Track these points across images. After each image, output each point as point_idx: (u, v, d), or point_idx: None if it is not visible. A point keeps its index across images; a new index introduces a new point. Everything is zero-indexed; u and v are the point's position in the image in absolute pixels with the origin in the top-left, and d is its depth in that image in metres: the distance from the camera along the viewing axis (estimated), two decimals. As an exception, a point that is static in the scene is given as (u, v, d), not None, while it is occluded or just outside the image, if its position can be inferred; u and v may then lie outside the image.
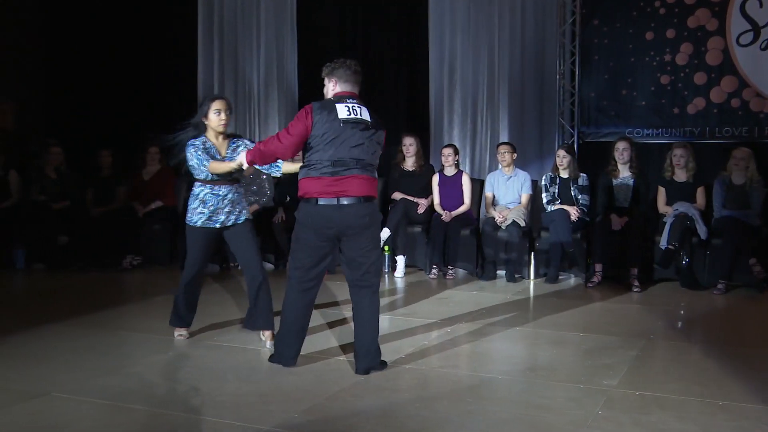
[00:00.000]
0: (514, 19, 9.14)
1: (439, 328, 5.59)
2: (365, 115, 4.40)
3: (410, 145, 8.15)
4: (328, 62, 4.62)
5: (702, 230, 6.97)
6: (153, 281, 7.75)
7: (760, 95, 8.27)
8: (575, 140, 8.88)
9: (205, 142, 5.01)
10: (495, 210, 7.75)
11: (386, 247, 7.82)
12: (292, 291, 4.52)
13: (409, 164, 8.18)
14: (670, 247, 6.92)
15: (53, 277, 7.86)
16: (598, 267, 7.22)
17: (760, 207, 7.19)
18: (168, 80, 11.00)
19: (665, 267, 7.07)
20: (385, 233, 7.69)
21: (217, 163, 4.92)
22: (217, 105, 5.03)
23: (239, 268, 6.26)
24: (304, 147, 4.38)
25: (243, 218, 5.09)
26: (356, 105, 4.41)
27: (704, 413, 3.81)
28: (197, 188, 5.03)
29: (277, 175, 5.06)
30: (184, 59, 10.65)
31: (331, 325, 5.66)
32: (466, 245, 7.80)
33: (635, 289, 6.93)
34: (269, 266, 8.25)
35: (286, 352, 4.58)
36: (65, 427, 3.64)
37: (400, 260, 7.82)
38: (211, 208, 4.99)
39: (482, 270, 7.67)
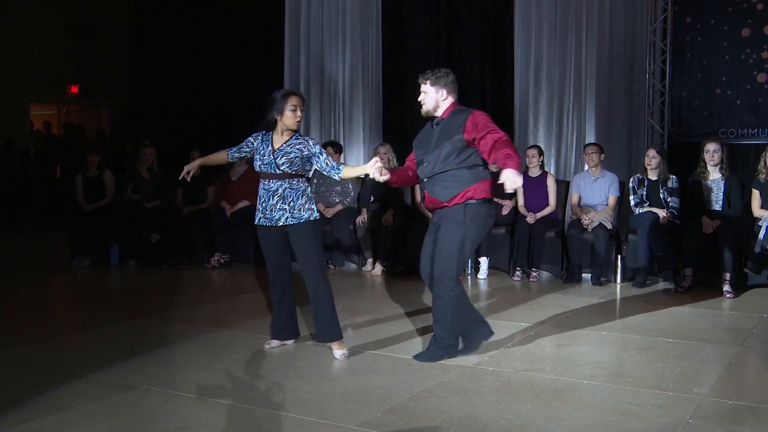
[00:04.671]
0: (602, 18, 8.95)
1: (523, 330, 5.53)
2: None
3: (494, 145, 8.07)
4: (429, 71, 4.74)
5: (801, 234, 6.68)
6: (239, 279, 7.91)
7: None
8: (665, 141, 8.65)
9: (260, 136, 4.96)
10: (581, 212, 7.61)
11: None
12: (459, 286, 4.68)
13: (494, 166, 8.10)
14: (764, 251, 6.65)
15: (145, 273, 8.12)
16: (689, 271, 7.01)
17: None
18: (255, 81, 11.23)
19: (759, 273, 6.80)
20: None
21: (209, 156, 5.20)
22: (294, 101, 4.81)
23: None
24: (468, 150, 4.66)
25: (304, 218, 4.78)
26: None
27: (802, 425, 3.66)
28: (261, 184, 4.94)
29: (336, 178, 4.90)
30: (271, 60, 10.84)
31: (420, 329, 5.67)
32: (550, 247, 7.69)
33: (728, 295, 6.70)
34: (352, 266, 8.32)
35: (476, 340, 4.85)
36: (157, 419, 3.76)
37: (484, 262, 7.77)
38: (263, 204, 4.83)
39: (567, 273, 7.55)
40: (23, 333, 5.49)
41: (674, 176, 7.43)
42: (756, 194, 7.06)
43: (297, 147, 4.84)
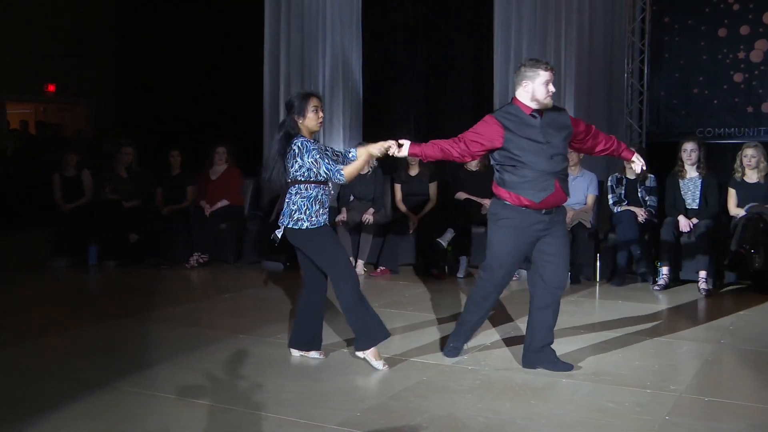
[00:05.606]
0: (582, 18, 9.00)
1: (502, 329, 5.55)
2: None
3: (474, 145, 8.09)
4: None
5: (776, 233, 6.75)
6: (219, 279, 7.88)
7: (838, 93, 7.99)
8: (643, 140, 8.72)
9: (317, 143, 4.65)
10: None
11: (449, 247, 7.79)
12: None
13: (473, 164, 8.13)
14: (741, 250, 6.73)
15: (124, 273, 8.07)
16: (666, 270, 7.07)
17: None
18: (235, 81, 11.19)
19: (735, 270, 6.87)
20: (449, 233, 7.66)
21: (351, 167, 4.59)
22: (315, 102, 4.64)
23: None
24: None
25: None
26: None
27: (777, 421, 3.71)
28: (312, 190, 4.59)
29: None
30: (251, 60, 10.81)
31: (400, 327, 5.67)
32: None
33: (704, 293, 6.77)
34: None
35: None
36: (138, 420, 3.74)
37: (463, 261, 7.79)
38: (326, 208, 4.69)
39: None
40: (1, 334, 5.44)
41: (652, 175, 7.49)
42: (732, 193, 7.14)
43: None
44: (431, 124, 10.17)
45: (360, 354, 4.64)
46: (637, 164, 4.74)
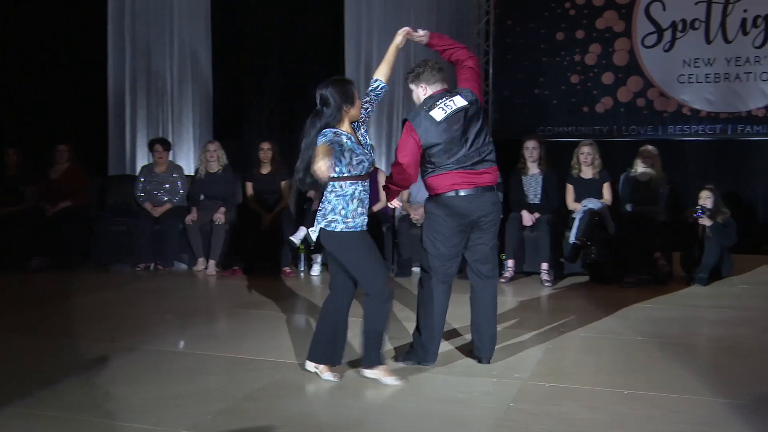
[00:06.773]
0: (430, 18, 9.24)
1: (353, 326, 5.60)
2: (460, 102, 4.56)
3: (327, 143, 8.13)
4: (410, 70, 4.81)
5: (610, 225, 7.19)
6: (63, 283, 7.52)
7: (663, 95, 8.60)
8: (489, 138, 9.03)
9: (342, 134, 4.12)
10: (410, 207, 7.82)
11: (301, 246, 7.79)
12: (434, 285, 4.73)
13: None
14: (578, 242, 7.11)
15: (-45, 280, 7.57)
16: (510, 262, 7.38)
17: (665, 203, 7.47)
18: (78, 77, 10.72)
19: (573, 262, 7.25)
20: (302, 232, 7.64)
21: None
22: (355, 87, 4.28)
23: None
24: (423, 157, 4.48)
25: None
26: (447, 99, 4.58)
27: (613, 403, 3.95)
28: (349, 187, 4.16)
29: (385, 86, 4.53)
30: (95, 54, 10.39)
31: (261, 326, 5.63)
32: (382, 242, 7.83)
33: (546, 284, 7.11)
34: (183, 266, 8.14)
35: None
36: (-29, 437, 3.54)
37: (317, 258, 7.82)
38: (366, 207, 4.24)
39: (398, 267, 7.73)
40: None
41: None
42: (570, 188, 7.55)
43: (366, 132, 4.33)
44: (284, 120, 10.12)
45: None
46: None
